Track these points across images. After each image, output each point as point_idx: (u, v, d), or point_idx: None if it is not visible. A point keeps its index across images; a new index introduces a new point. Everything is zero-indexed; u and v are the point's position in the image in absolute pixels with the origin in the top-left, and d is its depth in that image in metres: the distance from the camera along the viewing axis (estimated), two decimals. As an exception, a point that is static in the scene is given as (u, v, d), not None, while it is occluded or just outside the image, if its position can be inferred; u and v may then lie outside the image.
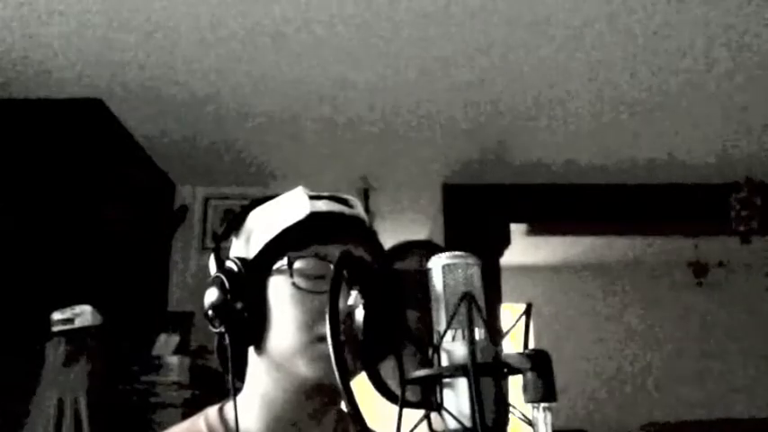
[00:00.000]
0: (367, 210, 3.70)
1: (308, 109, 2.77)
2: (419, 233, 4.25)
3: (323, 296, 0.76)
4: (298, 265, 0.78)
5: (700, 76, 2.54)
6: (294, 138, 3.04)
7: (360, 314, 0.60)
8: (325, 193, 0.84)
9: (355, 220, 0.84)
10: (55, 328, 2.19)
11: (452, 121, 2.90)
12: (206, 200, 3.52)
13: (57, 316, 2.20)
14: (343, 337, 0.75)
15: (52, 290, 2.31)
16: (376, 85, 2.58)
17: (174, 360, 2.63)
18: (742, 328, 5.49)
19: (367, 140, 3.09)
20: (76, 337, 2.18)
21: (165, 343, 2.75)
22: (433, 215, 3.94)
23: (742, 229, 3.42)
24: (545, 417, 0.54)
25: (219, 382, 0.78)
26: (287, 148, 3.17)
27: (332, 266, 0.77)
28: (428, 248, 0.63)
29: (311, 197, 0.82)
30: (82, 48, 2.28)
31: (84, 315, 2.19)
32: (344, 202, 0.84)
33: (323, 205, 0.81)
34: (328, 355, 0.75)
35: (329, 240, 0.79)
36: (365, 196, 3.65)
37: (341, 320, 0.76)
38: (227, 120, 2.84)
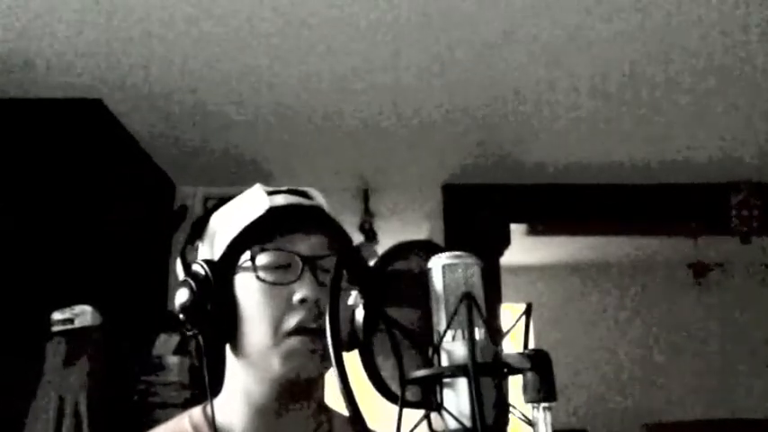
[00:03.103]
0: (367, 210, 3.70)
1: (307, 109, 2.77)
2: (419, 233, 4.25)
3: (289, 287, 0.78)
4: (261, 259, 0.79)
5: (699, 76, 2.54)
6: (294, 138, 3.04)
7: (360, 314, 0.61)
8: (283, 188, 0.86)
9: (315, 209, 0.85)
10: (55, 328, 2.19)
11: (452, 121, 2.89)
12: (206, 200, 3.52)
13: (57, 316, 2.20)
14: (314, 325, 0.76)
15: (52, 290, 2.31)
16: (376, 85, 2.58)
17: (174, 360, 2.63)
18: (742, 329, 5.49)
19: (367, 140, 3.09)
20: (76, 337, 2.18)
21: (165, 343, 2.75)
22: (432, 215, 3.94)
23: (742, 229, 3.42)
24: (545, 417, 0.54)
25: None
26: (287, 149, 3.17)
27: (296, 256, 0.79)
28: (428, 248, 0.63)
29: (269, 193, 0.83)
30: (82, 48, 2.28)
31: (84, 315, 2.19)
32: (303, 194, 0.86)
33: (281, 199, 0.83)
34: (299, 350, 0.77)
35: (290, 231, 0.81)
36: (365, 196, 3.65)
37: (315, 313, 0.77)
38: (227, 120, 2.84)
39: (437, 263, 0.58)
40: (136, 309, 2.82)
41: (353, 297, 0.61)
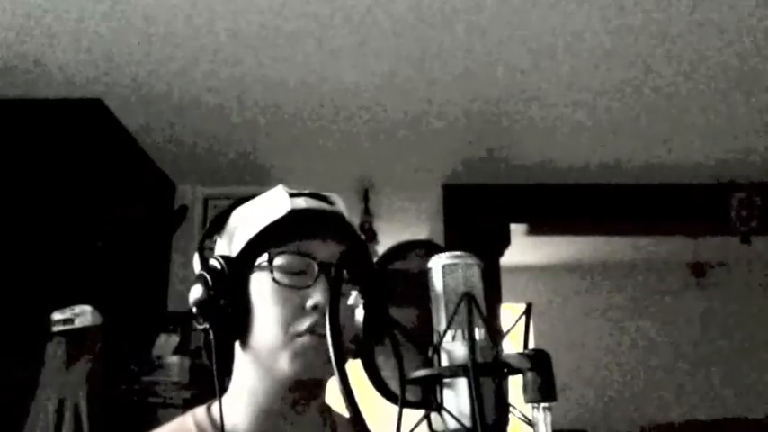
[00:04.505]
0: (367, 210, 3.70)
1: (307, 109, 2.77)
2: (419, 233, 4.25)
3: (303, 291, 0.79)
4: (278, 261, 0.79)
5: (700, 76, 2.54)
6: (294, 138, 3.04)
7: (360, 314, 0.60)
8: (306, 191, 0.86)
9: (335, 216, 0.85)
10: (55, 328, 2.19)
11: (452, 120, 2.89)
12: (206, 200, 3.52)
13: (57, 316, 2.20)
14: (325, 330, 0.76)
15: (52, 290, 2.31)
16: (376, 85, 2.58)
17: (174, 360, 2.63)
18: (742, 328, 5.49)
19: (367, 140, 3.09)
20: (76, 337, 2.18)
21: (165, 343, 2.75)
22: (433, 215, 3.94)
23: (742, 229, 3.42)
24: (545, 417, 0.54)
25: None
26: (287, 148, 3.17)
27: (313, 261, 0.79)
28: (428, 248, 0.63)
29: (291, 195, 0.83)
30: (82, 48, 2.28)
31: (84, 315, 2.19)
32: (324, 199, 0.86)
33: (303, 202, 0.83)
34: (308, 350, 0.77)
35: (309, 236, 0.81)
36: (365, 196, 3.65)
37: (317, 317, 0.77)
38: (228, 120, 2.84)
39: (437, 263, 0.58)
40: (136, 309, 2.82)
41: (353, 297, 0.61)
